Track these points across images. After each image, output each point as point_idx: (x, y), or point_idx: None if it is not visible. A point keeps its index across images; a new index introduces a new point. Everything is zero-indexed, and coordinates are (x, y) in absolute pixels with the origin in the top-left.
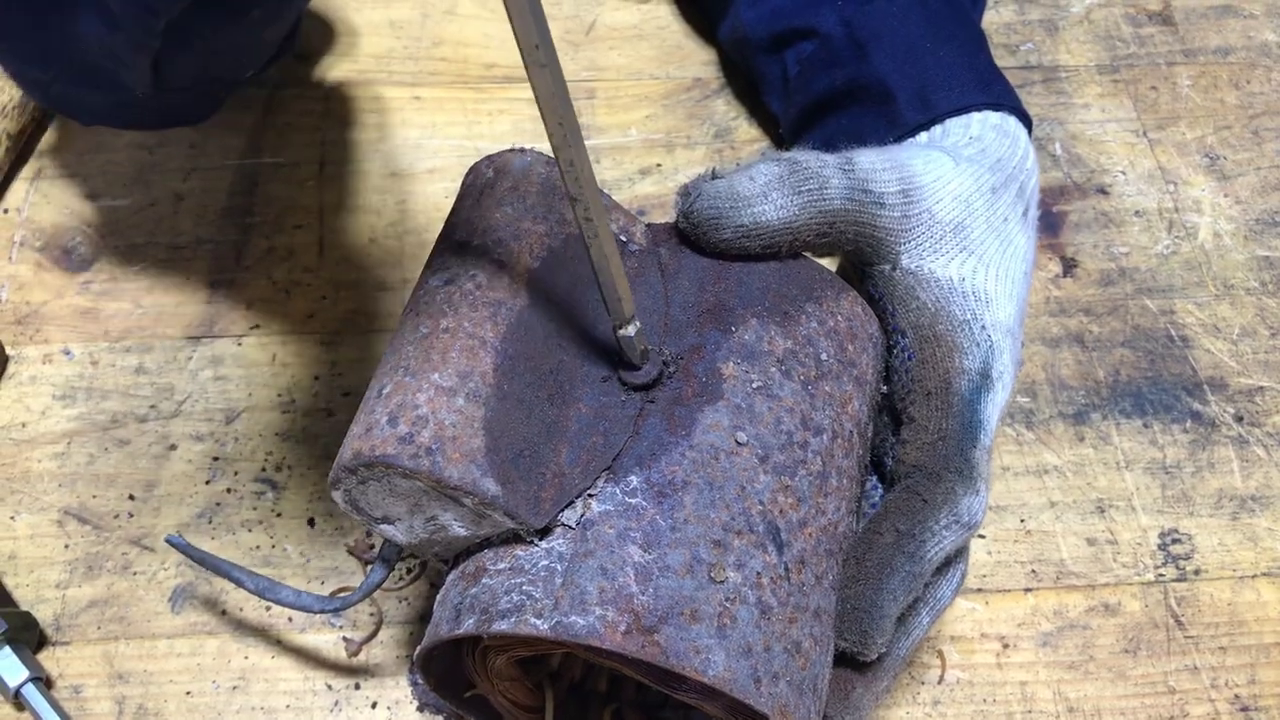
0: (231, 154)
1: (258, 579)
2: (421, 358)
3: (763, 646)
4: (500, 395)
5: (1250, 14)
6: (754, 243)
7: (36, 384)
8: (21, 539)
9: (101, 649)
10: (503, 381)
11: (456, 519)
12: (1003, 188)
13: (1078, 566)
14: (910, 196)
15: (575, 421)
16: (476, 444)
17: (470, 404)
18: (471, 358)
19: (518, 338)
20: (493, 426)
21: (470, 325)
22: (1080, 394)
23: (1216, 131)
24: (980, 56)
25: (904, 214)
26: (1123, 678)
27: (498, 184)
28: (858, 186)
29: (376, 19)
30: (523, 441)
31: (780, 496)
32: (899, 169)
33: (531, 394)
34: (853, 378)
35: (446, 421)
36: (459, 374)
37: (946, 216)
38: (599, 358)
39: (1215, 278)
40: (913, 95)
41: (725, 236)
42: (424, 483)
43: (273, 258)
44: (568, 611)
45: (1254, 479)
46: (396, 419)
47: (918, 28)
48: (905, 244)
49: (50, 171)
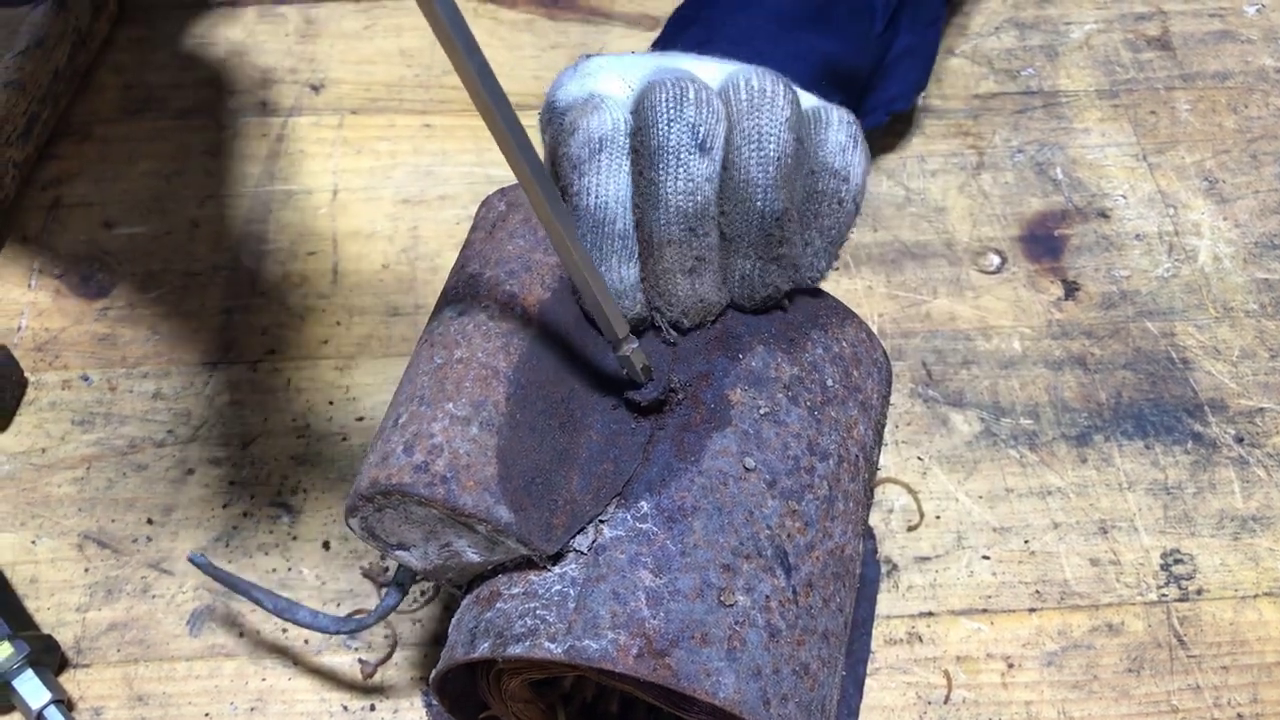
0: (246, 181)
1: (276, 599)
2: (436, 388)
3: (772, 669)
4: (513, 424)
5: (1248, 39)
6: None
7: (56, 409)
8: (42, 563)
9: (121, 671)
10: (515, 410)
11: (470, 545)
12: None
13: (1081, 587)
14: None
15: (586, 448)
16: (490, 472)
17: (484, 433)
18: (485, 387)
19: (530, 367)
20: (506, 455)
21: (484, 355)
22: (1083, 416)
23: (1215, 155)
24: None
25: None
26: (1126, 697)
27: (510, 216)
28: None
29: (388, 47)
30: (535, 469)
31: (788, 521)
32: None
33: (544, 422)
34: (858, 403)
35: (461, 450)
36: (473, 403)
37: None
38: (609, 385)
39: (1215, 300)
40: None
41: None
42: (439, 510)
43: (287, 284)
44: (581, 635)
45: (1255, 499)
46: (412, 448)
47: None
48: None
49: (68, 200)
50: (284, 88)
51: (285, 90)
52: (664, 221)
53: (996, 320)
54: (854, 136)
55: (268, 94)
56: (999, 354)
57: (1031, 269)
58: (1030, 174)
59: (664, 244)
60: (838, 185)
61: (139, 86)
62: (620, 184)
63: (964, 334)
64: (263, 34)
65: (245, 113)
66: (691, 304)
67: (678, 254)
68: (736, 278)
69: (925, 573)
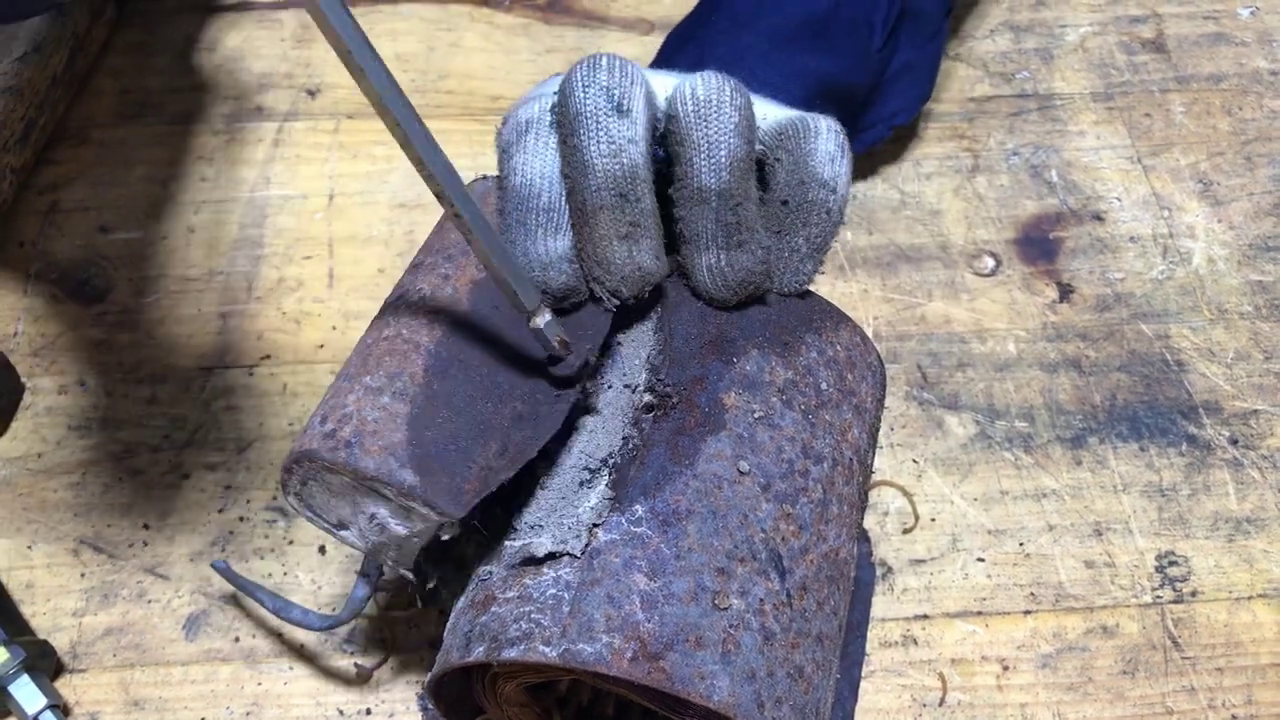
0: (242, 186)
1: (275, 599)
2: (359, 364)
3: (766, 671)
4: (429, 395)
5: (1242, 41)
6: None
7: (52, 415)
8: (38, 568)
9: (117, 676)
10: (433, 381)
11: (390, 515)
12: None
13: (1076, 589)
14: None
15: (508, 419)
16: (397, 438)
17: (396, 401)
18: (403, 360)
19: (454, 342)
20: (417, 422)
21: (407, 332)
22: (1077, 418)
23: (1210, 158)
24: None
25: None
26: (1121, 699)
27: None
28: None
29: (383, 51)
30: (449, 437)
31: (782, 524)
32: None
33: (464, 393)
34: (852, 406)
35: (370, 418)
36: (388, 375)
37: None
38: (534, 359)
39: (1210, 302)
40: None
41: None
42: (346, 475)
43: (283, 288)
44: (575, 639)
45: (1249, 501)
46: (326, 419)
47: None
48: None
49: (64, 204)
50: (280, 93)
51: (281, 95)
52: (593, 187)
53: (991, 323)
54: (841, 146)
55: (264, 99)
56: (994, 356)
57: (1026, 271)
58: (1025, 177)
59: (596, 210)
60: (826, 196)
61: (136, 92)
62: (545, 160)
63: (959, 337)
64: (259, 39)
65: (241, 118)
66: (629, 271)
67: (610, 220)
68: (705, 272)
69: (920, 575)
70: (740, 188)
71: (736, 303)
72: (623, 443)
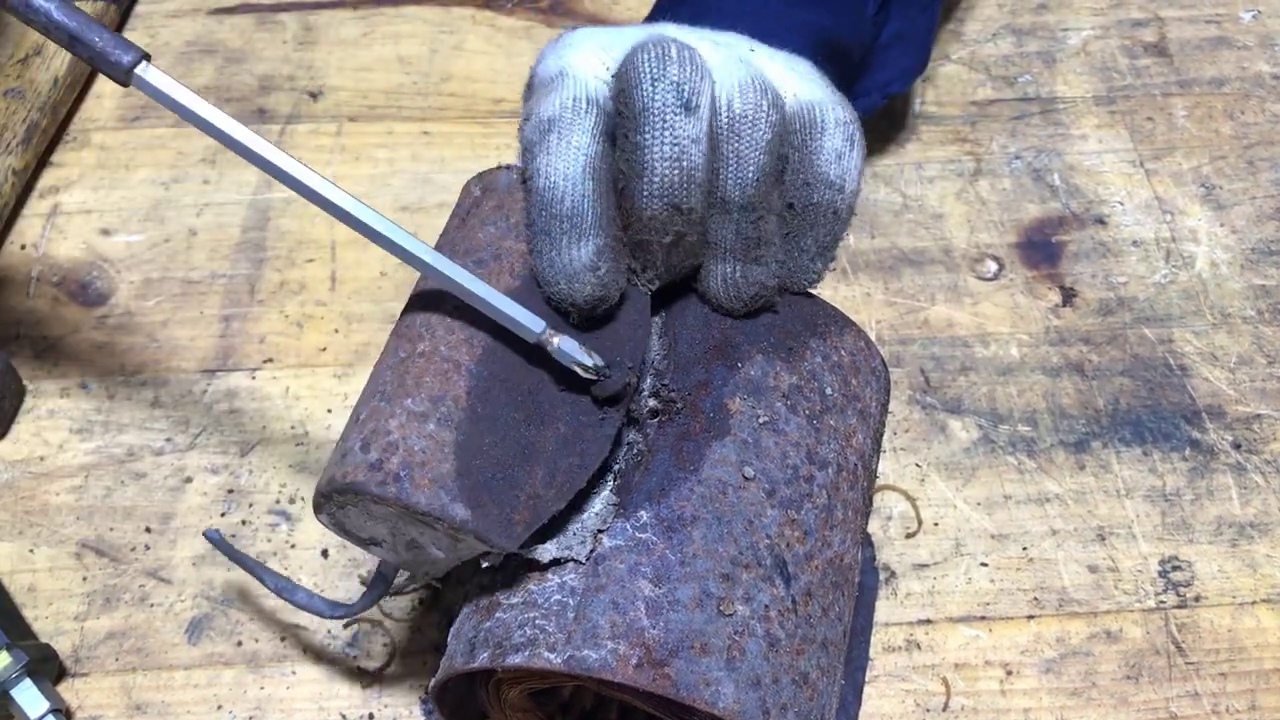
0: (244, 189)
1: (277, 578)
2: (396, 382)
3: (771, 678)
4: (473, 419)
5: (1244, 45)
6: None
7: (54, 418)
8: (40, 571)
9: (120, 680)
10: (476, 404)
11: (433, 542)
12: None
13: (1079, 594)
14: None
15: (552, 442)
16: (446, 469)
17: (441, 429)
18: (445, 382)
19: (494, 359)
20: (464, 450)
21: (446, 349)
22: (1080, 423)
23: (1212, 161)
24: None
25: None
26: (1125, 704)
27: (484, 203)
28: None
29: (386, 54)
30: (495, 465)
31: (787, 530)
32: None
33: (507, 416)
34: (857, 411)
35: (416, 447)
36: (431, 399)
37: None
38: (576, 377)
39: (1212, 306)
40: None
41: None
42: (394, 509)
43: (285, 291)
44: (580, 645)
45: (1252, 506)
46: (369, 445)
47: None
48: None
49: (66, 207)
50: (282, 95)
51: (283, 98)
52: (647, 193)
53: (994, 327)
54: (850, 138)
55: (266, 101)
56: (997, 361)
57: (1029, 275)
58: (1028, 180)
59: (646, 217)
60: (833, 196)
61: (137, 94)
62: (569, 161)
63: (962, 341)
64: (261, 41)
65: (243, 120)
66: (664, 270)
67: (657, 228)
68: (719, 282)
69: (923, 580)
70: (764, 202)
71: (745, 313)
72: (627, 448)
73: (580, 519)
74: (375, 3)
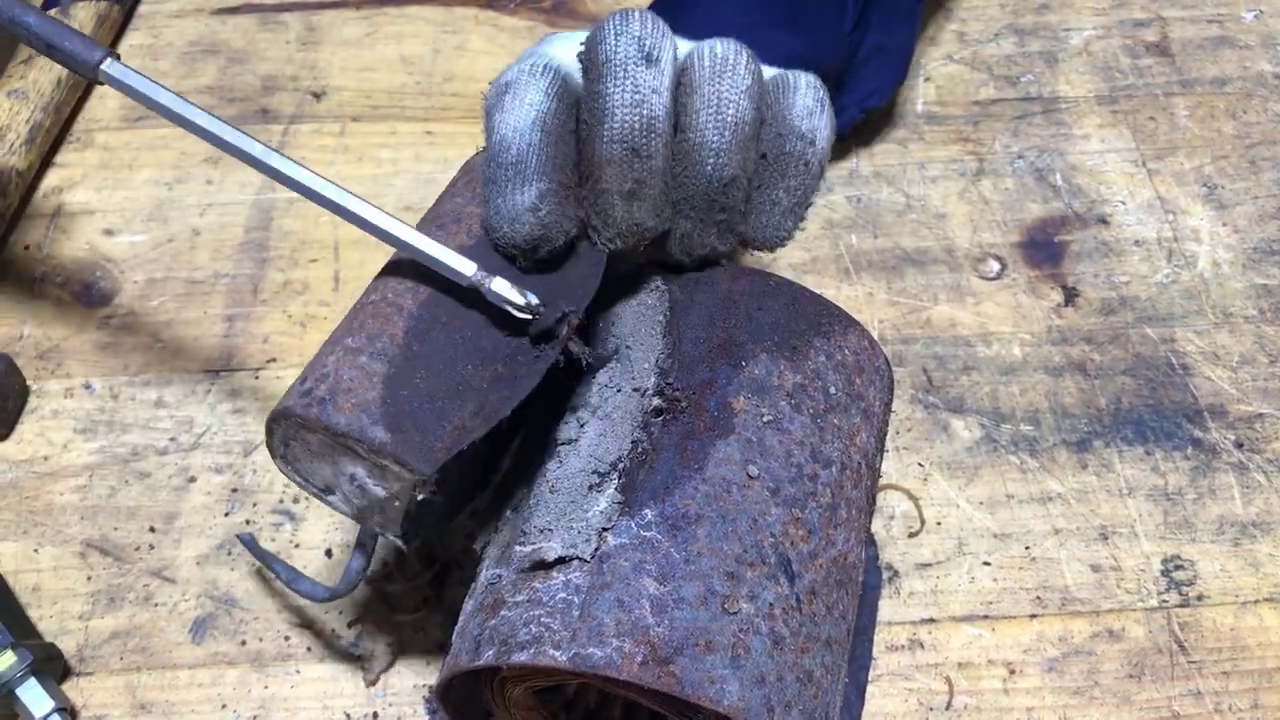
0: (247, 189)
1: (289, 569)
2: (344, 328)
3: (775, 676)
4: (408, 355)
5: (1246, 44)
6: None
7: (59, 418)
8: (45, 571)
9: (124, 679)
10: (413, 343)
11: (368, 475)
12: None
13: (1082, 593)
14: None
15: (487, 380)
16: (372, 396)
17: (373, 361)
18: (385, 322)
19: (438, 305)
20: (393, 381)
21: (392, 295)
22: (1083, 422)
23: (1214, 161)
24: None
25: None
26: (1127, 703)
27: (459, 180)
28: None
29: (389, 54)
30: (424, 396)
31: (791, 528)
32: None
33: (444, 355)
34: (860, 410)
35: (345, 376)
36: (369, 336)
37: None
38: (515, 320)
39: (1214, 306)
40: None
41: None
42: (320, 433)
43: (288, 291)
44: (585, 643)
45: (1255, 505)
46: (306, 379)
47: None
48: None
49: (70, 208)
50: (285, 95)
51: (286, 98)
52: (607, 137)
53: (997, 326)
54: (820, 101)
55: (269, 101)
56: (999, 360)
57: (1031, 275)
58: (1030, 180)
59: (604, 162)
60: (804, 148)
61: None
62: (519, 115)
63: (964, 340)
64: (264, 41)
65: (247, 120)
66: (626, 227)
67: (616, 174)
68: (677, 235)
69: (926, 579)
70: (739, 155)
71: (691, 265)
72: (632, 446)
73: (585, 517)
74: (378, 3)
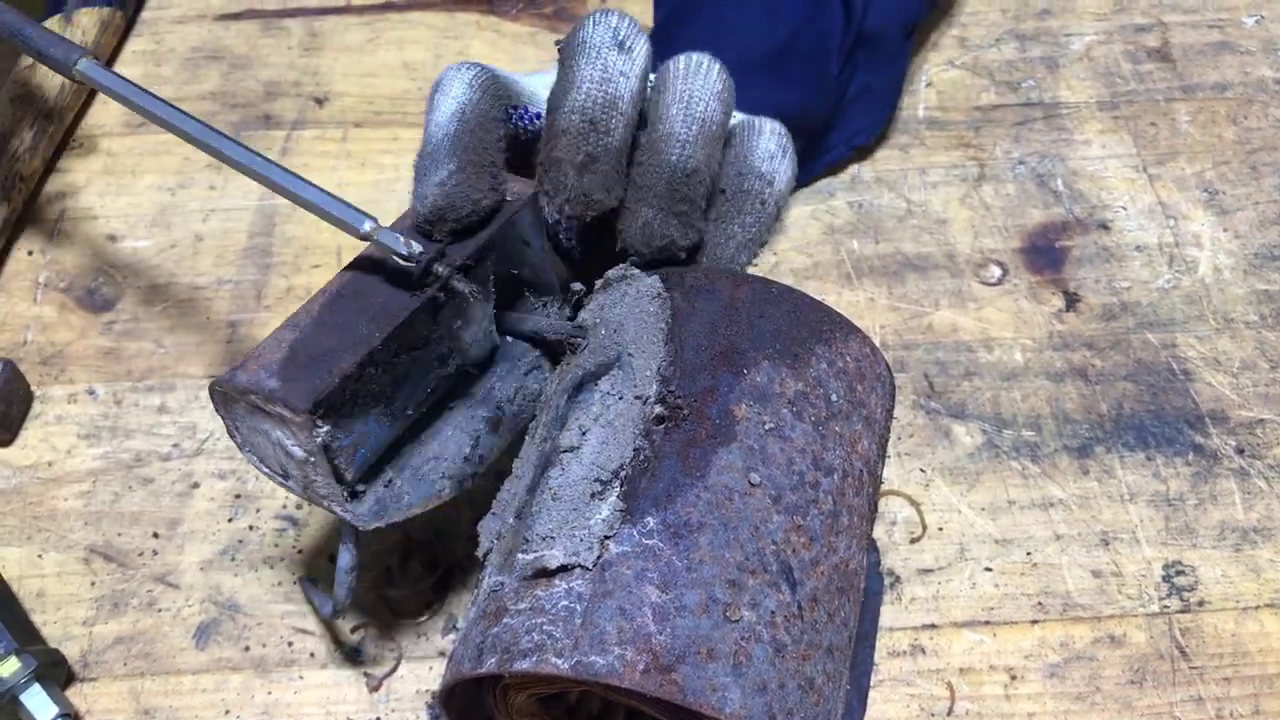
0: (250, 194)
1: (321, 597)
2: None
3: (777, 684)
4: (318, 323)
5: (1247, 50)
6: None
7: (62, 423)
8: (49, 576)
9: (128, 685)
10: (324, 314)
11: (281, 434)
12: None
13: (1083, 598)
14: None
15: (381, 330)
16: (276, 357)
17: (286, 331)
18: (309, 304)
19: (354, 280)
20: (299, 345)
21: (322, 283)
22: (1084, 427)
23: (1215, 167)
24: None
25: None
26: (1129, 709)
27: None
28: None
29: (391, 60)
30: (324, 351)
31: (793, 536)
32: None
33: (349, 319)
34: (862, 417)
35: (262, 348)
36: (292, 318)
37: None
38: (413, 279)
39: (1216, 311)
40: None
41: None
42: (233, 394)
43: (292, 297)
44: (587, 651)
45: (1256, 511)
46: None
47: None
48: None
49: (73, 213)
50: (287, 101)
51: (289, 103)
52: (567, 108)
53: (998, 332)
54: (783, 147)
55: (271, 107)
56: (1000, 366)
57: (1032, 280)
58: (1031, 185)
59: (560, 132)
60: (762, 187)
61: None
62: (441, 111)
63: (966, 346)
64: (266, 47)
65: (249, 126)
66: (574, 195)
67: (570, 145)
68: (638, 224)
69: (928, 585)
70: (703, 157)
71: (648, 260)
72: (634, 454)
73: (587, 525)
74: (380, 9)
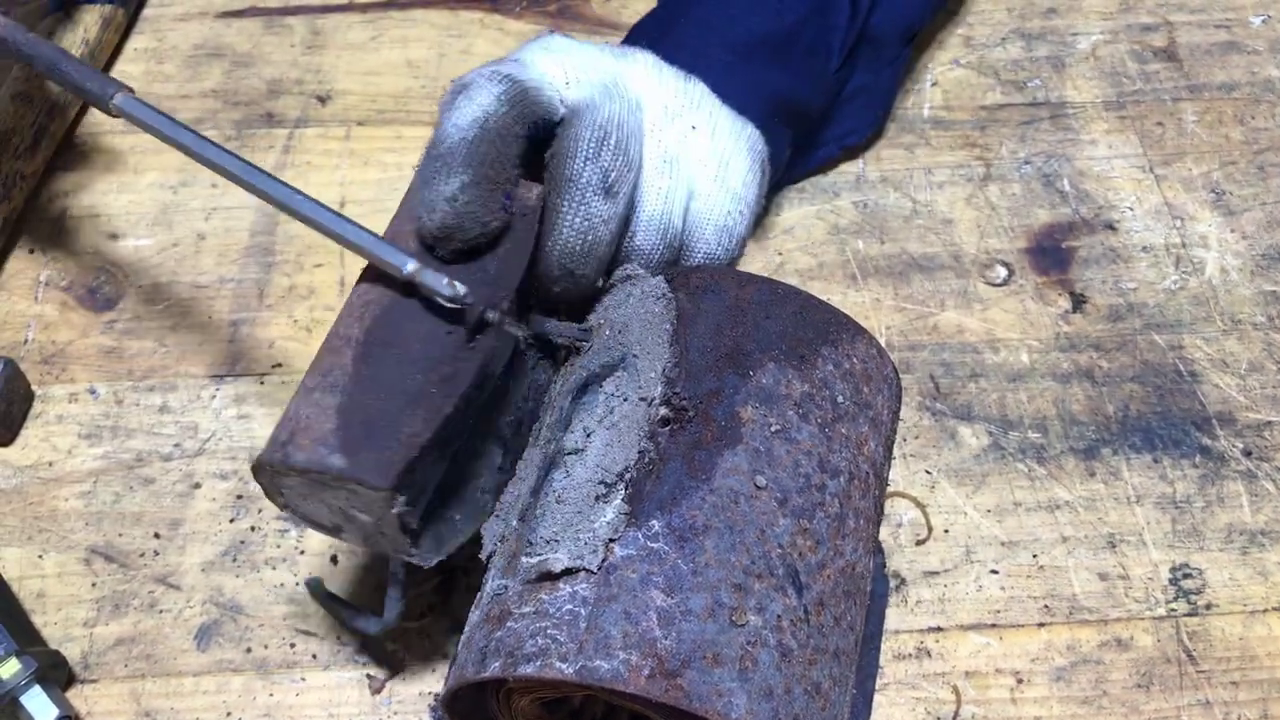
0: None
1: (353, 613)
2: (308, 372)
3: (784, 688)
4: (357, 380)
5: (1254, 50)
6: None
7: (63, 423)
8: (50, 577)
9: (129, 687)
10: (361, 368)
11: (347, 502)
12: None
13: (1090, 601)
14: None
15: (436, 384)
16: (328, 428)
17: (326, 395)
18: (336, 356)
19: (383, 327)
20: (346, 409)
21: (342, 329)
22: (1091, 429)
23: (1222, 167)
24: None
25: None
26: (1136, 712)
27: (409, 198)
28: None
29: (394, 59)
30: (379, 414)
31: (799, 539)
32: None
33: (391, 370)
34: (868, 419)
35: (303, 415)
36: (322, 373)
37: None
38: (454, 322)
39: (1223, 313)
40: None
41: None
42: (292, 475)
43: (294, 296)
44: (592, 655)
45: (1263, 513)
46: (279, 429)
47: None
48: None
49: (74, 212)
50: (290, 99)
51: (291, 102)
52: (548, 250)
53: (1004, 333)
54: (724, 243)
55: (274, 105)
56: (1007, 367)
57: (1039, 281)
58: (1037, 186)
59: (541, 268)
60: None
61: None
62: (462, 114)
63: (971, 346)
64: (269, 45)
65: (251, 124)
66: (555, 294)
67: (551, 280)
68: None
69: (934, 587)
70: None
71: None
72: (639, 457)
73: (592, 528)
74: (383, 7)
